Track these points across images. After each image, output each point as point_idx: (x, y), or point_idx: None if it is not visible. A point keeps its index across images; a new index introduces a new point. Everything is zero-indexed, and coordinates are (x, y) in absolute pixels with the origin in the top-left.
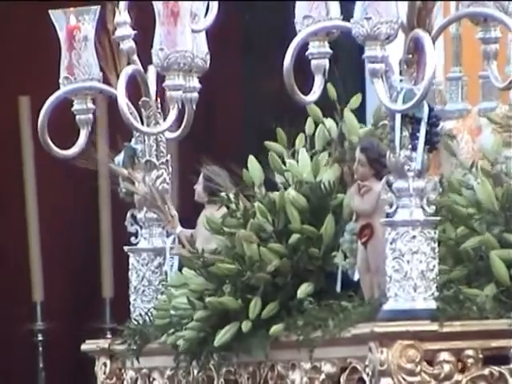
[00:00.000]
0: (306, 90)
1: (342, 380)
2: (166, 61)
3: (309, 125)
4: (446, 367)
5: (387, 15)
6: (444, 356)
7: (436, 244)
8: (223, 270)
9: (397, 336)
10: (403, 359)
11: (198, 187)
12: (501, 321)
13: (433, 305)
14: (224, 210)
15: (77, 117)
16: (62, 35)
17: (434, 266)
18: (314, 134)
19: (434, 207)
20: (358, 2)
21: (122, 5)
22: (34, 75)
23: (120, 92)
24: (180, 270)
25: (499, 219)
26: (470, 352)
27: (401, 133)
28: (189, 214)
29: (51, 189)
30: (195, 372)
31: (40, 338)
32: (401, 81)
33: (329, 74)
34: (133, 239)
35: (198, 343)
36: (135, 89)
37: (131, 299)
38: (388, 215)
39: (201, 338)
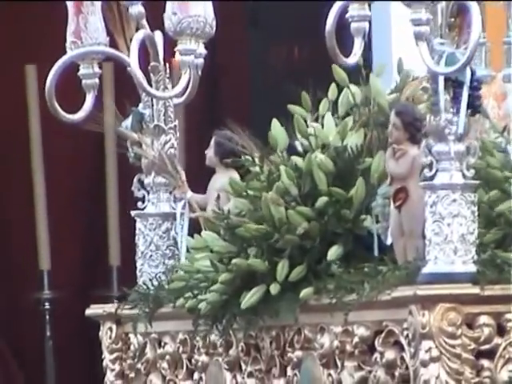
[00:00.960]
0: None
1: (376, 343)
2: (179, 25)
3: (332, 90)
4: (486, 331)
5: None
6: (484, 320)
7: (476, 207)
8: (251, 232)
9: (439, 299)
10: (444, 322)
11: (210, 152)
12: None
13: (473, 268)
14: (236, 174)
15: (83, 81)
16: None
17: (474, 230)
18: (337, 99)
19: (473, 171)
20: None
21: None
22: (40, 44)
23: (133, 57)
24: (190, 234)
25: None
26: (509, 316)
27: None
28: (192, 181)
29: (57, 157)
30: (212, 336)
31: (47, 306)
32: (442, 44)
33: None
34: (140, 204)
35: (220, 306)
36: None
37: (138, 264)
38: (427, 178)
39: (223, 301)
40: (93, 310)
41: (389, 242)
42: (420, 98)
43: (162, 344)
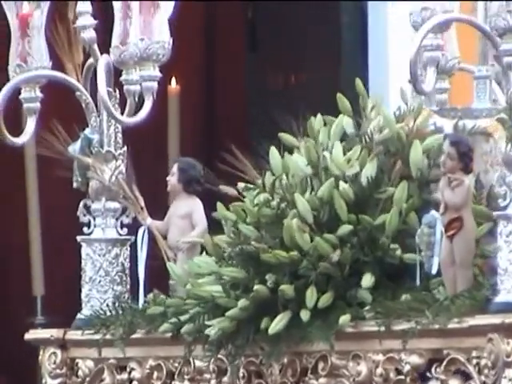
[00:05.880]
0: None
1: (437, 371)
2: (146, 51)
3: (318, 119)
4: None
5: None
6: None
7: None
8: (279, 258)
9: None
10: None
11: (172, 178)
12: None
13: None
14: (198, 201)
15: (25, 105)
16: (15, 23)
17: None
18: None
19: None
20: None
21: None
22: None
23: (100, 81)
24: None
25: None
26: None
27: None
28: None
29: None
30: (197, 362)
31: None
32: None
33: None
34: (85, 229)
35: (231, 332)
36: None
37: (85, 289)
38: (500, 208)
39: (233, 326)
40: (33, 334)
41: (434, 271)
42: (425, 130)
43: (128, 370)
